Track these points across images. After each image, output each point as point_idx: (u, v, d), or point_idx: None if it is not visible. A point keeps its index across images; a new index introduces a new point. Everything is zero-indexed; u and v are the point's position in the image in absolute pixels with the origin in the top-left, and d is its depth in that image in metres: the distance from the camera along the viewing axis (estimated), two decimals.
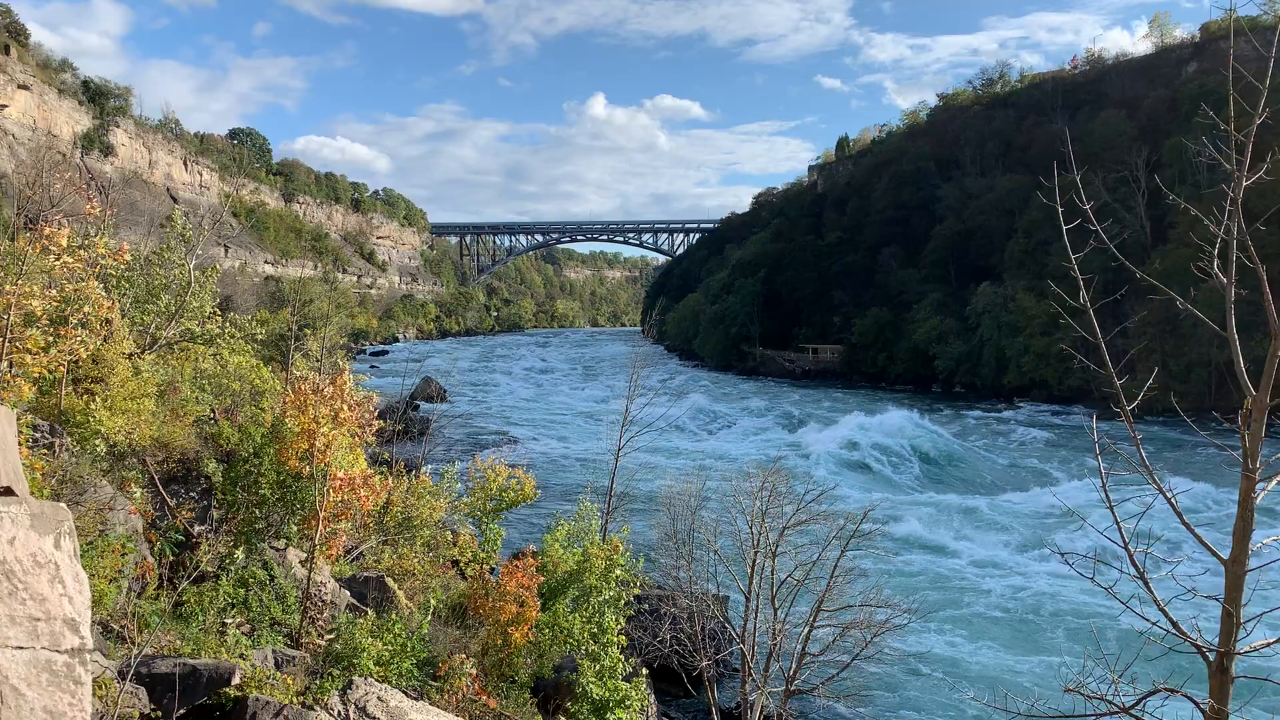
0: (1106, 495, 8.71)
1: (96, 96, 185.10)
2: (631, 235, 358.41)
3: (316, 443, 22.52)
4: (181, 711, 15.67)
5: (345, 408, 23.40)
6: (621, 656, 23.78)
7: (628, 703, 23.02)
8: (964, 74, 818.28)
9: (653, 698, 26.77)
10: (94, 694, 13.34)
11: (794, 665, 21.77)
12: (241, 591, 22.74)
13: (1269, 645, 8.35)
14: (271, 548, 25.75)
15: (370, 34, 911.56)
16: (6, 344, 20.69)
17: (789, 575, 22.91)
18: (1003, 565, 45.73)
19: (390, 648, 20.89)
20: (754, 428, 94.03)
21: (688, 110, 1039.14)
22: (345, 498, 24.44)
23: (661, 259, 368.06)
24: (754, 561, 23.01)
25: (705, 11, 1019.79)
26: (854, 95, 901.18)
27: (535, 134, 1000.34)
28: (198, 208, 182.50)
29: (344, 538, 27.69)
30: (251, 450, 25.17)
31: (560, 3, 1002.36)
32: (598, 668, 23.12)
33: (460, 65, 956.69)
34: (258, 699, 16.49)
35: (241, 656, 18.90)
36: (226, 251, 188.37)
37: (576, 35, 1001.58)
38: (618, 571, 25.34)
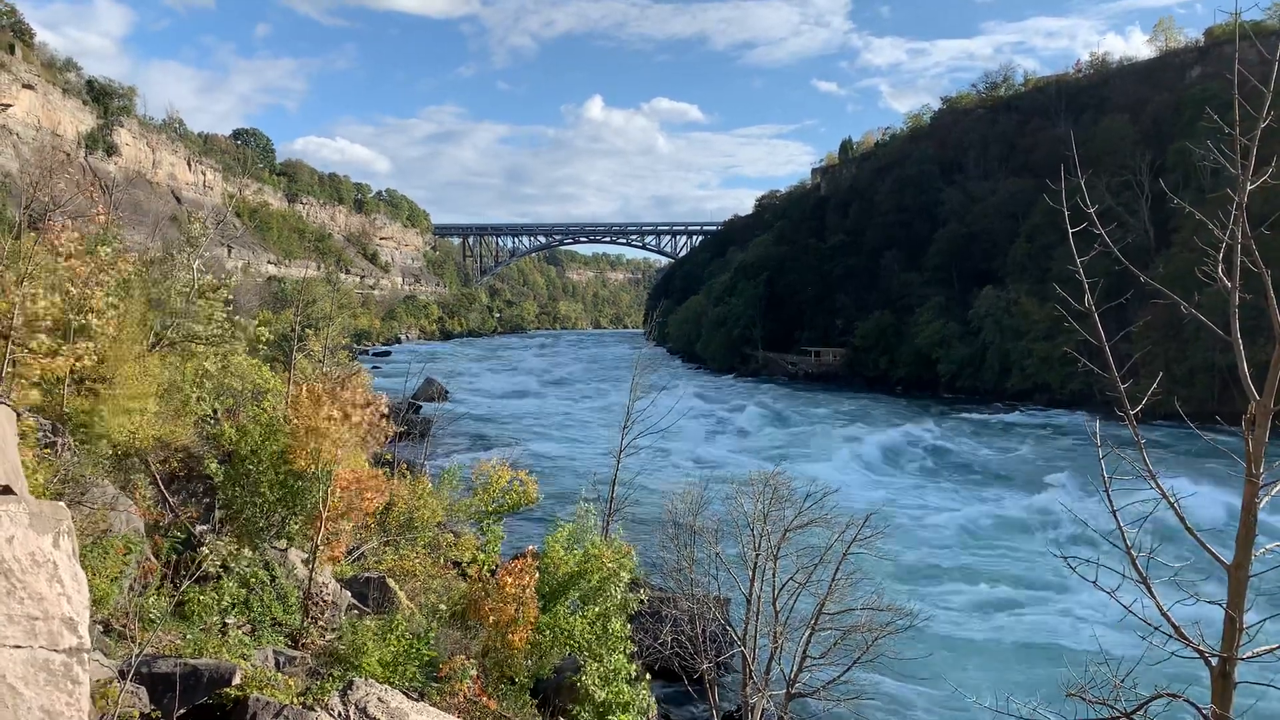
0: (1109, 499, 8.69)
1: (100, 96, 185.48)
2: (634, 237, 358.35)
3: (324, 443, 22.49)
4: (182, 711, 15.66)
5: (355, 409, 23.38)
6: (625, 659, 23.74)
7: (631, 706, 22.97)
8: (960, 78, 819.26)
9: (654, 700, 26.74)
10: (93, 693, 13.34)
11: (795, 668, 21.73)
12: (243, 591, 22.74)
13: (1271, 651, 8.32)
14: (273, 548, 25.76)
15: (370, 36, 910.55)
16: (10, 345, 20.71)
17: (790, 578, 22.88)
18: (1004, 569, 45.67)
19: (393, 649, 20.88)
20: (757, 432, 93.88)
21: (686, 113, 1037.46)
22: (349, 499, 24.44)
23: (664, 261, 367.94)
24: (755, 564, 22.97)
25: (705, 15, 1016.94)
26: (850, 99, 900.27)
27: (535, 136, 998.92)
28: (201, 208, 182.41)
29: (346, 538, 27.70)
30: (250, 448, 25.16)
31: (559, 5, 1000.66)
32: (602, 670, 23.08)
33: (460, 67, 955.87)
34: (258, 699, 16.48)
35: (243, 656, 18.90)
36: (230, 252, 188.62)
37: (575, 38, 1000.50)
38: (625, 575, 25.28)
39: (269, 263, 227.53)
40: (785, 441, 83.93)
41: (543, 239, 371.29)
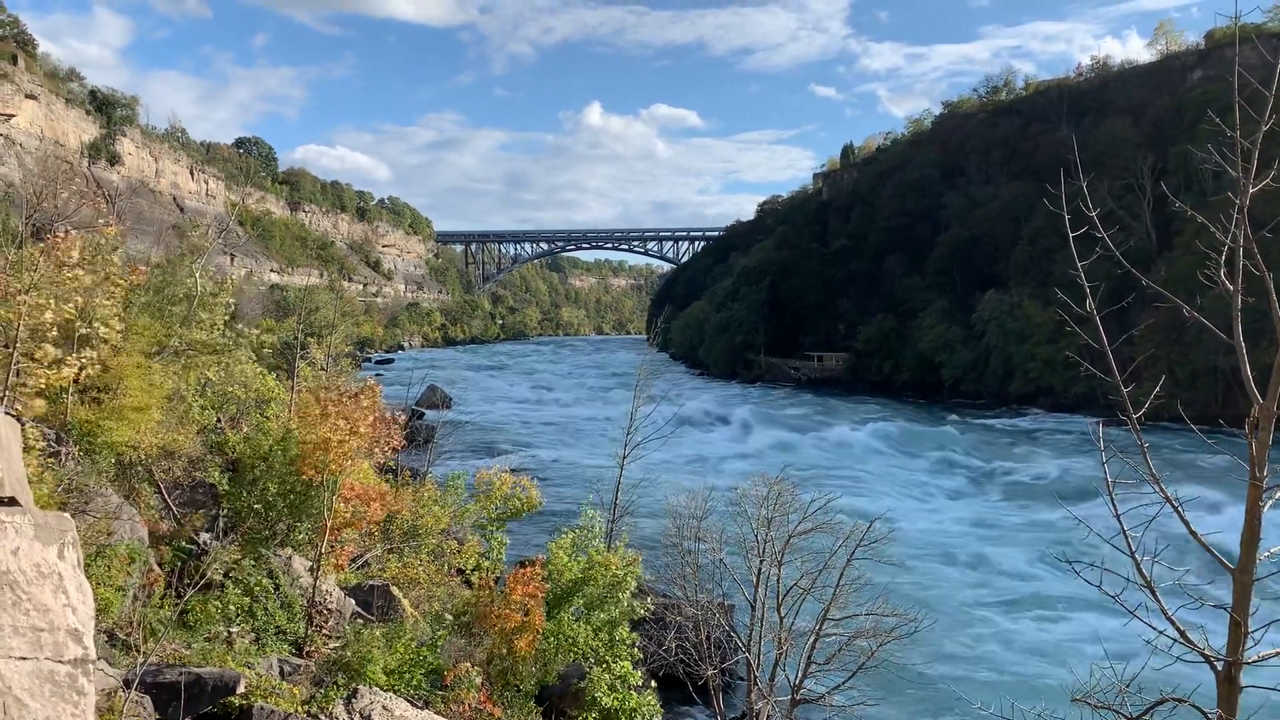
0: (1113, 503, 8.67)
1: (103, 106, 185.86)
2: (636, 243, 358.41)
3: (332, 454, 22.51)
4: None
5: (362, 423, 23.39)
6: (629, 665, 23.72)
7: (637, 713, 22.95)
8: (958, 82, 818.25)
9: (659, 706, 26.69)
10: (98, 703, 13.34)
11: (800, 674, 21.69)
12: (247, 600, 22.74)
13: (1277, 655, 8.30)
14: (277, 556, 25.77)
15: (368, 44, 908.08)
16: (15, 354, 20.75)
17: (795, 583, 22.84)
18: (1008, 574, 45.57)
19: (399, 657, 20.87)
20: (759, 435, 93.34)
21: (684, 119, 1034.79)
22: (356, 508, 24.45)
23: (666, 267, 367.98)
24: (759, 570, 22.94)
25: (703, 21, 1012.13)
26: (848, 104, 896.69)
27: (534, 143, 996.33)
28: (204, 216, 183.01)
29: (351, 546, 27.71)
30: (259, 456, 25.20)
31: (557, 13, 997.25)
32: (609, 677, 23.06)
33: (459, 75, 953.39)
34: (263, 708, 16.50)
35: (247, 665, 18.91)
36: (233, 260, 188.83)
37: (574, 45, 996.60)
38: (631, 582, 25.27)
39: (272, 271, 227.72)
40: (808, 463, 79.70)
41: (544, 245, 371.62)
